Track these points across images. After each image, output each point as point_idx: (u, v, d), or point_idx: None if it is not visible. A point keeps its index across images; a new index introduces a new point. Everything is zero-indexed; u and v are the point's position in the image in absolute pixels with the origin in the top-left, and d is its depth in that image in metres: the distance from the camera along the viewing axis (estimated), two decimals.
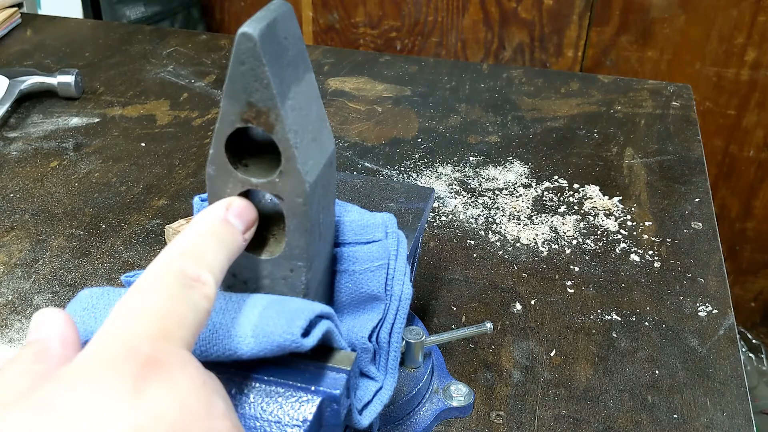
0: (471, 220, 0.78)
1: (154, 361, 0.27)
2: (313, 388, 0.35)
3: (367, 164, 0.89)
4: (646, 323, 0.65)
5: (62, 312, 0.31)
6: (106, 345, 0.27)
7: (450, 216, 0.79)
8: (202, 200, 0.43)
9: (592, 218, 0.79)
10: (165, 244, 0.72)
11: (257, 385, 0.35)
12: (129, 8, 1.75)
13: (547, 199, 0.82)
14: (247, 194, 0.37)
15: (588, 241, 0.75)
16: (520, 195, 0.83)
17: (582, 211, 0.80)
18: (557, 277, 0.70)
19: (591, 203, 0.81)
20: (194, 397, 0.27)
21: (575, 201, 0.82)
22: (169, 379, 0.26)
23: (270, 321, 0.34)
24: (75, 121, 0.97)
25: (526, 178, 0.86)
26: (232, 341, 0.34)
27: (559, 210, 0.80)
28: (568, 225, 0.78)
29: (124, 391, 0.25)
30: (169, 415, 0.25)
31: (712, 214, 0.80)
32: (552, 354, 0.61)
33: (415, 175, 0.86)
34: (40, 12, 1.63)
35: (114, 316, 0.29)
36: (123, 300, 0.29)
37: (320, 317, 0.36)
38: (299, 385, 0.35)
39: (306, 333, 0.35)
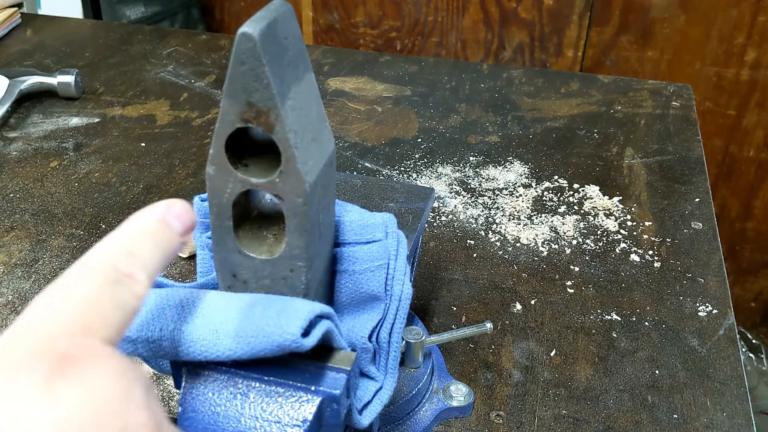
0: (471, 220, 0.78)
1: (69, 357, 0.26)
2: (313, 388, 0.35)
3: (367, 164, 0.89)
4: (646, 323, 0.65)
5: None
6: (19, 341, 0.26)
7: (450, 216, 0.79)
8: (202, 200, 0.43)
9: (592, 218, 0.79)
10: None
11: (257, 385, 0.35)
12: (129, 8, 1.75)
13: (547, 199, 0.82)
14: (247, 194, 0.37)
15: (588, 241, 0.75)
16: (520, 195, 0.83)
17: (582, 211, 0.80)
18: (557, 277, 0.70)
19: (591, 203, 0.81)
20: (109, 391, 0.26)
21: (575, 201, 0.82)
22: (82, 375, 0.26)
23: (270, 321, 0.34)
24: (75, 121, 0.97)
25: (526, 178, 0.86)
26: (232, 341, 0.34)
27: (559, 210, 0.80)
28: (568, 225, 0.78)
29: (35, 387, 0.25)
30: (80, 412, 0.25)
31: (712, 214, 0.80)
32: (552, 354, 0.61)
33: (415, 175, 0.86)
34: (40, 12, 1.63)
35: (33, 308, 0.28)
36: (46, 292, 0.28)
37: (320, 317, 0.36)
38: (299, 385, 0.35)
39: (306, 333, 0.35)
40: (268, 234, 0.38)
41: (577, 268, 0.71)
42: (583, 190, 0.84)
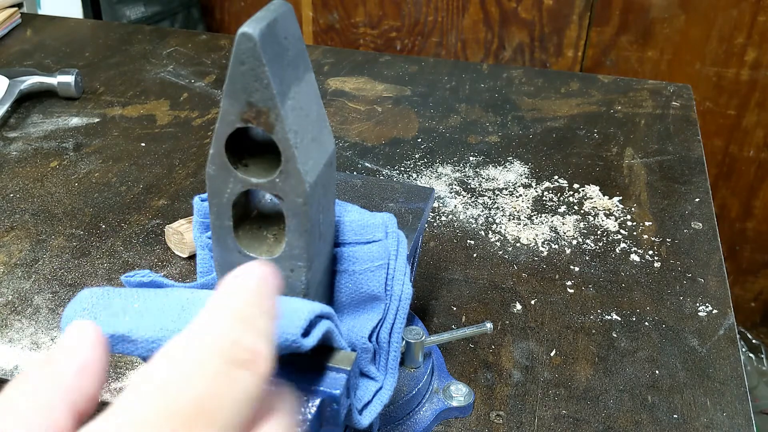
0: (471, 220, 0.78)
1: None
2: (313, 388, 0.35)
3: (367, 164, 0.89)
4: (646, 323, 0.65)
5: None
6: None
7: (450, 216, 0.79)
8: (202, 200, 0.43)
9: (592, 218, 0.79)
10: (165, 244, 0.72)
11: None
12: (129, 8, 1.75)
13: (547, 199, 0.82)
14: (247, 194, 0.37)
15: (588, 241, 0.75)
16: (520, 195, 0.83)
17: (582, 211, 0.80)
18: (557, 277, 0.70)
19: (591, 203, 0.81)
20: None
21: (575, 201, 0.82)
22: None
23: None
24: (75, 121, 0.97)
25: (526, 178, 0.86)
26: None
27: (559, 210, 0.80)
28: (568, 225, 0.78)
29: None
30: None
31: (712, 214, 0.80)
32: (552, 354, 0.61)
33: (415, 175, 0.86)
34: (40, 12, 1.63)
35: (137, 399, 0.24)
36: (152, 374, 0.24)
37: (320, 317, 0.36)
38: (299, 385, 0.35)
39: (306, 333, 0.35)
40: (268, 234, 0.38)
41: (577, 268, 0.71)
42: (583, 190, 0.84)
